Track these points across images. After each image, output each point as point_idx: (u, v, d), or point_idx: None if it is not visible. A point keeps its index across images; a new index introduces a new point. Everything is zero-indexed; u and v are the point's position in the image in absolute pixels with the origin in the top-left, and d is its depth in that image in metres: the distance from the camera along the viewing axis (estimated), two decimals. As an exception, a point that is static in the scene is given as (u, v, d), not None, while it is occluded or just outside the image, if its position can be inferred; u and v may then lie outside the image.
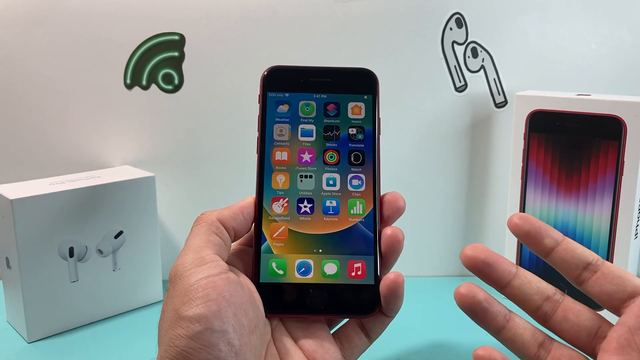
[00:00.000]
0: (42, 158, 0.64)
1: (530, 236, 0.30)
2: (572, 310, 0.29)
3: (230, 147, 0.64)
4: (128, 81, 0.62)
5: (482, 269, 0.29)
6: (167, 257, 0.64)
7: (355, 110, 0.39)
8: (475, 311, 0.29)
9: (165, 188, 0.64)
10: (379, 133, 0.39)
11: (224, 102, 0.63)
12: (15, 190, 0.52)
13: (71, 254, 0.54)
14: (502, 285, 0.30)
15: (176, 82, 0.62)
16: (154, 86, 0.62)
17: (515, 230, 0.30)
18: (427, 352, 0.51)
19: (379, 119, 0.39)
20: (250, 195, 0.38)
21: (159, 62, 0.62)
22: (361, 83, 0.39)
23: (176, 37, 0.61)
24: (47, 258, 0.53)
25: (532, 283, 0.30)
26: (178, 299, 0.31)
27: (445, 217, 0.66)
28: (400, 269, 0.38)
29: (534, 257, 0.58)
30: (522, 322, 0.30)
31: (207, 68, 0.62)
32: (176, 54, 0.62)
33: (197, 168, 0.64)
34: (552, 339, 0.30)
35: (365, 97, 0.39)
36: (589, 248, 0.53)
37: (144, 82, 0.62)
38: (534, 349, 0.29)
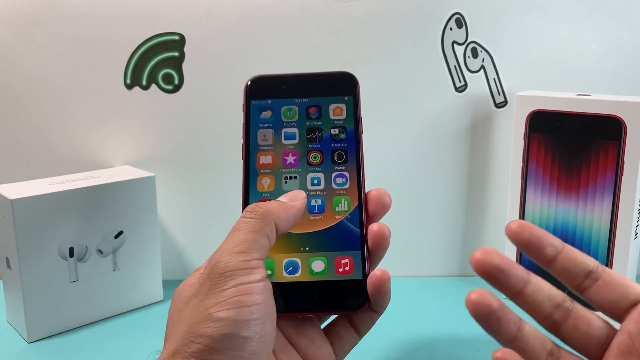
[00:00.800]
0: (42, 158, 0.64)
1: (530, 245, 0.28)
2: (583, 319, 0.28)
3: (230, 147, 0.64)
4: (128, 81, 0.62)
5: (495, 276, 0.28)
6: (167, 257, 0.64)
7: (337, 111, 0.40)
8: (489, 321, 0.28)
9: (165, 188, 0.64)
10: (361, 132, 0.39)
11: (224, 102, 0.63)
12: (15, 190, 0.52)
13: (71, 254, 0.54)
14: (514, 293, 0.28)
15: (176, 82, 0.62)
16: (154, 86, 0.62)
17: (515, 238, 0.28)
18: (426, 352, 0.51)
19: (360, 118, 0.40)
20: (303, 200, 0.36)
21: (159, 62, 0.62)
22: (341, 85, 0.40)
23: (176, 37, 0.61)
24: (47, 258, 0.53)
25: (544, 290, 0.28)
26: (212, 297, 0.31)
27: (445, 217, 0.66)
28: (400, 268, 0.38)
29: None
30: (532, 331, 0.29)
31: (207, 68, 0.62)
32: (176, 54, 0.62)
33: (197, 168, 0.64)
34: (560, 347, 0.29)
35: (346, 98, 0.40)
36: (589, 249, 0.54)
37: (144, 82, 0.62)
38: (544, 358, 0.28)
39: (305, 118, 0.39)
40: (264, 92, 0.40)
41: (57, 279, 0.53)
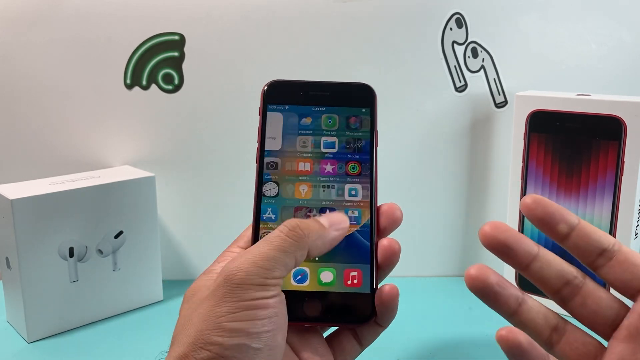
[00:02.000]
0: (42, 158, 0.64)
1: (543, 221, 0.28)
2: (592, 297, 0.28)
3: (230, 147, 0.64)
4: (128, 81, 0.62)
5: (502, 251, 0.28)
6: (167, 257, 0.65)
7: (353, 123, 0.40)
8: (487, 295, 0.28)
9: (165, 188, 0.64)
10: (376, 145, 0.39)
11: (224, 102, 0.63)
12: (15, 190, 0.52)
13: (71, 254, 0.54)
14: (521, 267, 0.29)
15: (176, 82, 0.62)
16: (154, 86, 0.62)
17: (528, 213, 0.28)
18: (427, 352, 0.51)
19: (376, 131, 0.40)
20: (344, 231, 0.35)
21: (159, 62, 0.62)
22: (360, 97, 0.40)
23: (176, 37, 0.61)
24: (47, 258, 0.53)
25: (552, 266, 0.29)
26: (226, 305, 0.31)
27: (445, 217, 0.66)
28: (400, 269, 0.38)
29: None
30: (536, 306, 0.29)
31: (207, 68, 0.62)
32: (176, 54, 0.62)
33: (197, 168, 0.64)
34: (566, 321, 0.29)
35: (363, 110, 0.40)
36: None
37: (144, 82, 0.62)
38: (547, 333, 0.29)
39: (321, 127, 0.39)
40: (281, 97, 0.40)
41: (57, 279, 0.53)
